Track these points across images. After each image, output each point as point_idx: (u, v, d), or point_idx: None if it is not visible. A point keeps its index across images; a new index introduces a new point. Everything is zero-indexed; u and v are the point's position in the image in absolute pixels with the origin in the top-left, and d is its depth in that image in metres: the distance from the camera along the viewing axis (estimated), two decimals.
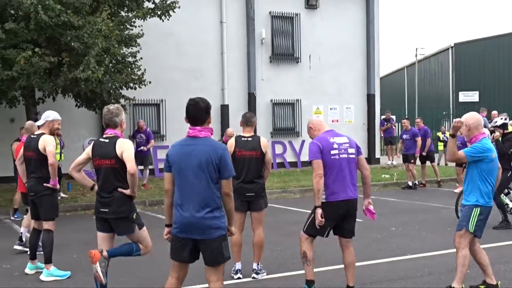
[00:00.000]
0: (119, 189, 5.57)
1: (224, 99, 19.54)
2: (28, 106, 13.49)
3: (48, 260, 7.08)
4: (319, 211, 5.71)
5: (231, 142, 6.85)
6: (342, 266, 6.13)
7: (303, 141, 20.55)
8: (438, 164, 21.70)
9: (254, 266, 6.95)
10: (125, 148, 5.57)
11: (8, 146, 15.89)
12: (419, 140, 15.89)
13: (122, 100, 14.64)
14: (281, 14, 20.48)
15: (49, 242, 7.10)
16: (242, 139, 6.84)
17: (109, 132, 5.70)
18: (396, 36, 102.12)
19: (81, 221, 11.68)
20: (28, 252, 7.59)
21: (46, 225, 7.18)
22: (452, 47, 37.15)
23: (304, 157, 20.41)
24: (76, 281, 7.03)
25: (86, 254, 8.34)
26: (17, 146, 9.14)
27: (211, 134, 4.76)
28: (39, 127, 7.42)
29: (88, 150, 5.75)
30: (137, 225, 5.76)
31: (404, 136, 16.30)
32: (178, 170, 4.62)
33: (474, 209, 5.88)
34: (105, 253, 5.56)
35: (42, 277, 7.04)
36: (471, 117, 6.00)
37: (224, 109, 19.45)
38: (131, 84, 14.36)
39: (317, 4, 20.83)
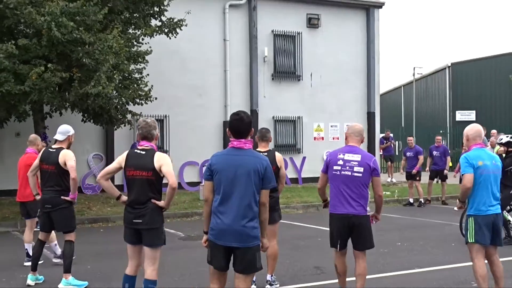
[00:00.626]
0: (153, 200, 5.66)
1: (227, 115, 19.77)
2: (37, 121, 13.69)
3: (67, 270, 7.23)
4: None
5: None
6: (354, 278, 6.32)
7: (304, 158, 20.81)
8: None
9: (268, 277, 7.13)
10: (165, 162, 5.66)
11: (14, 159, 16.06)
12: (421, 158, 16.14)
13: (129, 116, 14.85)
14: (283, 33, 20.84)
15: (71, 252, 7.29)
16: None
17: (145, 144, 5.76)
18: (394, 55, 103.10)
19: (89, 234, 11.82)
20: (31, 263, 7.66)
21: (68, 236, 7.36)
22: (449, 67, 37.52)
23: (305, 173, 20.70)
24: None
25: (99, 265, 8.58)
26: (20, 159, 9.26)
27: (252, 145, 4.98)
28: (59, 141, 7.50)
29: (121, 160, 5.78)
30: None
31: (408, 154, 16.51)
32: (223, 179, 4.78)
33: (469, 219, 6.15)
34: None
35: (61, 286, 7.19)
36: (471, 129, 6.35)
37: (227, 125, 19.54)
38: (138, 100, 14.57)
39: (318, 23, 21.21)
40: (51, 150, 7.47)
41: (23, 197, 8.95)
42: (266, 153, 7.07)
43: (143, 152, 5.72)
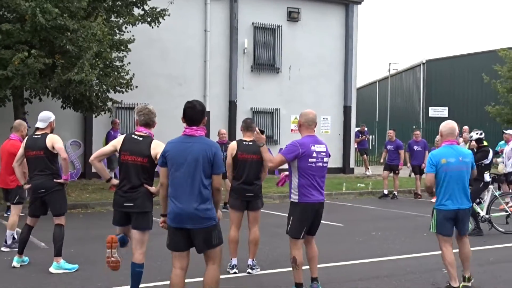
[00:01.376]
0: (145, 185, 5.84)
1: (206, 105, 19.95)
2: (17, 106, 13.69)
3: (58, 253, 7.37)
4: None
5: (233, 146, 7.32)
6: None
7: (280, 149, 20.98)
8: (410, 175, 22.49)
9: (249, 262, 7.39)
10: (162, 150, 5.79)
11: None
12: (402, 152, 16.56)
13: (109, 103, 14.93)
14: (263, 25, 21.07)
15: (61, 236, 7.41)
16: (244, 143, 7.32)
17: (144, 131, 5.91)
18: (371, 51, 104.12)
19: (69, 220, 11.47)
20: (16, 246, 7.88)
21: (58, 220, 7.46)
22: (423, 64, 38.19)
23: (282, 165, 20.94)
24: (81, 273, 7.34)
25: (82, 249, 8.73)
26: (3, 145, 9.34)
27: (205, 133, 5.22)
28: (41, 129, 7.58)
29: (116, 143, 5.92)
30: None
31: (388, 147, 16.88)
32: (175, 165, 5.01)
33: (433, 211, 6.63)
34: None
35: (52, 269, 7.31)
36: (445, 125, 6.69)
37: (206, 115, 19.85)
38: (118, 88, 14.66)
39: (298, 17, 21.47)
40: (35, 137, 7.53)
41: (5, 184, 9.03)
42: (251, 143, 7.33)
43: (140, 139, 5.86)
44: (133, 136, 5.92)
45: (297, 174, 6.19)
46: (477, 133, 11.10)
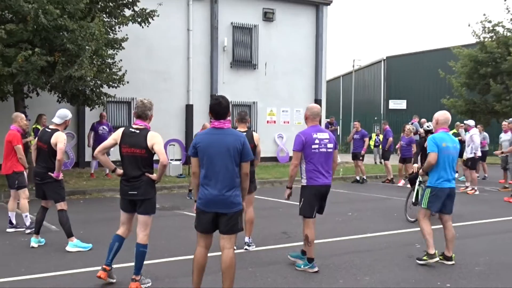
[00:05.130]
0: (146, 174, 5.92)
1: (189, 99, 20.24)
2: (18, 101, 13.74)
3: (69, 235, 7.64)
4: (288, 190, 6.85)
5: None
6: (317, 241, 7.04)
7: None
8: (375, 163, 23.16)
9: (246, 239, 7.76)
10: (157, 141, 5.88)
11: None
12: (367, 140, 17.12)
13: (103, 98, 15.05)
14: (241, 25, 21.36)
15: (64, 219, 7.67)
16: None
17: (140, 124, 5.96)
18: (336, 48, 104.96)
19: (71, 205, 11.69)
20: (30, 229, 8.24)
21: (59, 206, 7.72)
22: (384, 60, 38.94)
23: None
24: (95, 251, 7.60)
25: (90, 231, 8.97)
26: (6, 136, 9.42)
27: (230, 125, 5.44)
28: (56, 124, 7.76)
29: (116, 137, 5.98)
30: None
31: (355, 136, 17.42)
32: (206, 155, 5.19)
33: (427, 189, 7.02)
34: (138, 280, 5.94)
35: (68, 248, 7.58)
36: (442, 115, 7.11)
37: (189, 108, 20.16)
38: (111, 83, 14.80)
39: (273, 17, 21.82)
40: (47, 130, 7.77)
41: (4, 170, 9.17)
42: (245, 133, 7.64)
43: (137, 131, 5.90)
44: (130, 129, 5.97)
45: (304, 160, 6.60)
46: (428, 126, 11.46)
